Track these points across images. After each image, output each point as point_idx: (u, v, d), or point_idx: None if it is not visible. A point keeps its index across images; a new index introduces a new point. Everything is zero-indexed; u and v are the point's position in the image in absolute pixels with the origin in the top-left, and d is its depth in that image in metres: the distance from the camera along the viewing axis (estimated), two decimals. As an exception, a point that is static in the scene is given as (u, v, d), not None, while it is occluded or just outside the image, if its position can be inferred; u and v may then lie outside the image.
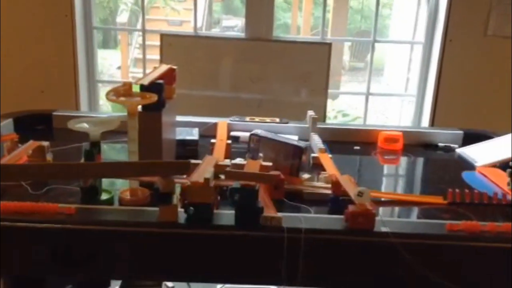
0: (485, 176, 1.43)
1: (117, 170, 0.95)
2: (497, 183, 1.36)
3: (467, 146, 1.65)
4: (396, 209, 1.24)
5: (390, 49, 4.85)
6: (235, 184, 0.96)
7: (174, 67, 1.40)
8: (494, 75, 2.65)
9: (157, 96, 1.16)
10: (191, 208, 0.96)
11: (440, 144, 1.73)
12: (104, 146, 1.57)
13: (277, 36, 2.66)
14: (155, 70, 1.34)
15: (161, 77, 1.29)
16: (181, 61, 2.39)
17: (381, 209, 1.19)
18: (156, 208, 0.98)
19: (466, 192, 1.22)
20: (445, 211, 1.18)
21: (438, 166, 1.63)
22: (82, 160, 1.07)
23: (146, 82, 1.17)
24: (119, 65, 7.59)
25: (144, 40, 2.78)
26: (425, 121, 2.72)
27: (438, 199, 1.23)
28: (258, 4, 2.52)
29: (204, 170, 1.01)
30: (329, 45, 2.53)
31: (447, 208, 1.19)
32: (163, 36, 2.48)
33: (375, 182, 1.48)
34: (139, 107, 1.17)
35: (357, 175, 1.50)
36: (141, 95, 1.15)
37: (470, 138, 1.71)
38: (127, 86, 1.14)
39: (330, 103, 5.00)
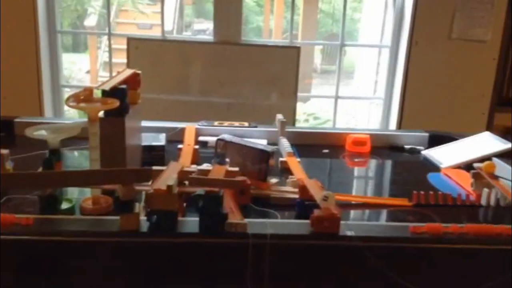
0: (449, 177, 1.45)
1: (74, 178, 0.92)
2: (461, 184, 1.38)
3: (433, 148, 1.68)
4: (362, 212, 1.24)
5: (360, 53, 4.91)
6: (199, 190, 0.95)
7: (138, 71, 1.37)
8: (458, 78, 2.71)
9: (119, 101, 1.13)
10: (154, 216, 0.94)
11: (406, 146, 1.76)
12: (69, 154, 1.53)
13: (246, 40, 2.66)
14: (118, 74, 1.31)
15: (124, 82, 1.26)
16: (148, 65, 2.37)
17: (347, 212, 1.20)
18: (118, 217, 0.95)
19: (431, 194, 1.24)
20: (410, 213, 1.19)
21: (404, 168, 1.65)
22: (40, 169, 1.04)
23: (107, 87, 1.15)
24: (88, 69, 7.46)
25: (110, 43, 2.73)
26: (393, 124, 2.76)
27: (403, 201, 1.24)
28: (226, 8, 2.52)
29: (167, 177, 0.99)
30: (297, 48, 2.54)
31: (412, 210, 1.21)
32: (130, 40, 2.45)
33: (343, 185, 1.49)
34: (101, 113, 1.14)
35: (325, 179, 1.51)
36: (102, 100, 1.13)
37: (436, 140, 1.74)
38: (88, 92, 1.11)
39: (301, 106, 5.03)
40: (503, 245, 0.97)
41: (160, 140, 1.52)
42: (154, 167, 1.12)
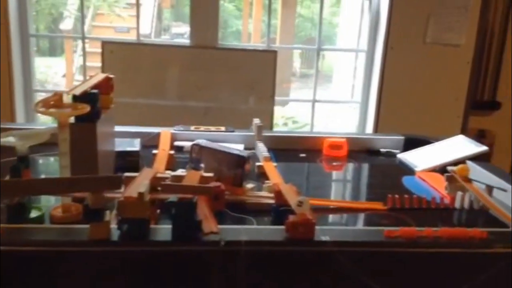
0: (424, 180, 1.46)
1: (41, 186, 0.89)
2: (436, 187, 1.39)
3: (408, 152, 1.69)
4: (338, 216, 1.24)
5: (338, 57, 4.95)
6: (172, 197, 0.93)
7: (111, 76, 1.34)
8: (433, 81, 2.75)
9: (90, 106, 1.10)
10: (125, 224, 0.92)
11: (382, 150, 1.77)
12: (39, 160, 1.49)
13: (223, 44, 2.65)
14: (90, 79, 1.28)
15: (96, 86, 1.23)
16: (124, 69, 2.33)
17: (322, 217, 1.19)
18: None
19: (406, 197, 1.24)
20: (385, 217, 1.20)
21: (380, 171, 1.66)
22: (8, 177, 1.01)
23: (78, 92, 1.12)
24: (64, 73, 7.34)
25: (84, 47, 2.69)
26: (370, 127, 2.78)
27: (378, 205, 1.24)
28: (203, 12, 2.50)
29: (139, 183, 0.97)
30: (274, 52, 2.54)
31: (387, 214, 1.21)
32: (104, 44, 2.41)
33: (320, 189, 1.48)
34: (72, 119, 1.11)
35: (302, 183, 1.50)
36: (72, 105, 1.10)
37: (411, 143, 1.75)
38: (58, 97, 1.09)
39: (279, 110, 5.03)
40: (476, 248, 0.97)
41: (135, 145, 1.50)
42: (127, 174, 1.10)
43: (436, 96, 2.76)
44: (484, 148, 1.54)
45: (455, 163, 1.46)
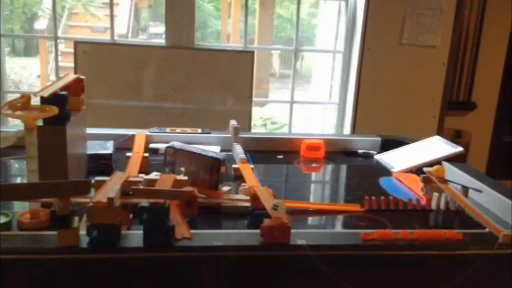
0: (400, 181, 1.46)
1: (5, 192, 0.85)
2: (412, 188, 1.39)
3: (385, 153, 1.69)
4: (314, 219, 1.23)
5: (317, 58, 4.96)
6: (143, 202, 0.90)
7: (82, 76, 1.31)
8: (409, 82, 2.77)
9: (58, 108, 1.07)
10: (94, 230, 0.89)
11: (360, 151, 1.77)
12: (7, 164, 1.44)
13: (199, 44, 2.62)
14: (59, 80, 1.24)
15: (66, 87, 1.19)
16: (98, 69, 2.28)
17: (299, 220, 1.18)
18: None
19: (382, 198, 1.24)
20: (362, 219, 1.19)
21: (357, 173, 1.66)
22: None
23: (46, 94, 1.08)
24: (39, 74, 7.19)
25: (56, 47, 2.62)
26: (347, 128, 2.79)
27: (355, 207, 1.24)
28: (178, 12, 2.47)
29: (109, 188, 0.94)
30: (252, 53, 2.52)
31: (364, 216, 1.20)
32: (77, 44, 2.36)
33: (297, 191, 1.47)
34: (40, 121, 1.07)
35: (279, 185, 1.49)
36: (40, 108, 1.06)
37: (388, 144, 1.76)
38: (25, 99, 1.05)
39: (258, 111, 5.02)
40: (452, 250, 0.97)
41: (108, 148, 1.46)
42: (97, 178, 1.07)
43: (412, 96, 2.78)
44: (459, 149, 1.55)
45: (431, 164, 1.46)
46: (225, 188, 1.27)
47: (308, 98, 4.28)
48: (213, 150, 1.56)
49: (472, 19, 3.17)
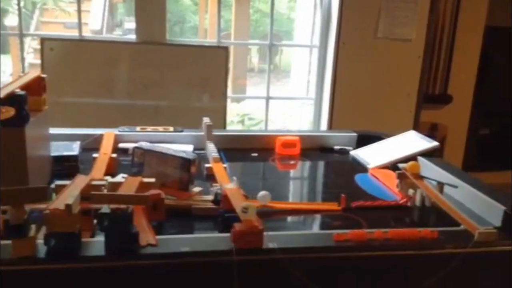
0: (376, 178, 1.44)
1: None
2: (388, 184, 1.37)
3: (361, 148, 1.67)
4: (290, 219, 1.19)
5: (295, 52, 4.93)
6: (104, 208, 0.85)
7: (43, 75, 1.24)
8: (385, 76, 2.76)
9: (15, 109, 1.01)
10: (52, 239, 0.83)
11: (336, 147, 1.74)
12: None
13: (171, 40, 2.55)
14: (18, 79, 1.18)
15: (25, 87, 1.13)
16: (66, 67, 2.20)
17: (274, 221, 1.14)
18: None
19: (359, 196, 1.21)
20: (338, 219, 1.16)
21: (333, 169, 1.63)
22: None
23: (2, 94, 1.02)
24: (11, 71, 6.99)
25: (22, 44, 2.53)
26: (324, 124, 2.76)
27: (332, 205, 1.20)
28: (149, 6, 2.40)
29: (68, 194, 0.88)
30: (225, 48, 2.47)
31: (340, 215, 1.17)
32: (44, 40, 2.27)
33: (272, 190, 1.42)
34: (-5, 123, 1.01)
35: (254, 184, 1.45)
36: (-5, 109, 1.00)
37: (364, 140, 1.73)
38: (-21, 100, 0.99)
39: (235, 107, 4.97)
40: (427, 249, 0.95)
41: (73, 149, 1.40)
42: (58, 182, 1.02)
43: (388, 90, 2.77)
44: (434, 143, 1.53)
45: (407, 159, 1.45)
46: (196, 189, 1.22)
47: (288, 94, 4.25)
48: (186, 149, 1.52)
49: (447, 12, 3.17)
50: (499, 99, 4.49)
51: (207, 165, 1.43)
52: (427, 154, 1.52)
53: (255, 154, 1.66)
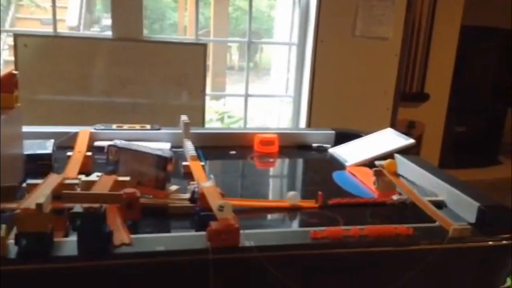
0: (354, 175, 1.45)
1: None
2: (365, 182, 1.38)
3: (338, 146, 1.67)
4: (267, 217, 1.19)
5: (275, 50, 4.93)
6: (76, 207, 0.83)
7: (14, 72, 1.21)
8: (363, 74, 2.78)
9: (-16, 107, 0.98)
10: (23, 239, 0.81)
11: (314, 145, 1.74)
12: None
13: (148, 36, 2.52)
14: (-12, 76, 1.15)
15: (-5, 84, 1.10)
16: (40, 63, 2.16)
17: (251, 219, 1.14)
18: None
19: (336, 194, 1.21)
20: (315, 216, 1.16)
21: (311, 167, 1.63)
22: None
23: (-30, 91, 0.99)
24: (-15, 68, 6.82)
25: (-2, 41, 2.46)
26: (303, 121, 2.77)
27: (309, 203, 1.20)
28: (125, 3, 2.36)
29: (39, 193, 0.86)
30: (204, 46, 2.45)
31: (317, 212, 1.17)
32: (17, 37, 2.22)
33: (250, 188, 1.43)
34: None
35: (232, 182, 1.44)
36: (-37, 107, 0.97)
37: (342, 137, 1.74)
38: None
39: (214, 105, 4.94)
40: (403, 246, 0.96)
41: (47, 147, 1.37)
42: (29, 181, 0.99)
43: (366, 88, 2.79)
44: (411, 141, 1.55)
45: (384, 156, 1.46)
46: (173, 187, 1.21)
47: (268, 91, 4.24)
48: (163, 147, 1.50)
49: (423, 11, 3.21)
50: (475, 97, 4.58)
51: (184, 163, 1.42)
52: (404, 151, 1.54)
53: (234, 152, 1.66)
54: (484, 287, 1.08)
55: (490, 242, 1.00)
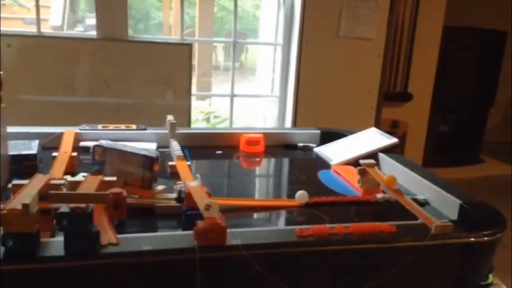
0: (339, 174, 1.47)
1: None
2: (350, 180, 1.40)
3: (324, 145, 1.69)
4: (253, 216, 1.20)
5: (260, 50, 4.95)
6: (63, 207, 0.84)
7: (-1, 72, 1.20)
8: (347, 74, 2.81)
9: (-32, 107, 0.97)
10: (9, 240, 0.81)
11: (300, 144, 1.76)
12: None
13: (133, 36, 2.51)
14: (-28, 76, 1.14)
15: (-21, 84, 1.10)
16: (24, 63, 2.14)
17: (237, 218, 1.15)
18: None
19: (321, 192, 1.23)
20: (300, 215, 1.17)
21: (297, 166, 1.65)
22: None
23: (-47, 91, 0.98)
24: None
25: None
26: (288, 121, 2.79)
27: (294, 202, 1.22)
28: (109, 2, 2.35)
29: (25, 193, 0.86)
30: (189, 45, 2.46)
31: (303, 211, 1.19)
32: (0, 36, 2.20)
33: (236, 187, 1.44)
34: None
35: (218, 182, 1.45)
36: None
37: (327, 137, 1.76)
38: None
39: (200, 105, 4.94)
40: (386, 243, 0.97)
41: (32, 148, 1.36)
42: (15, 182, 0.99)
43: (350, 89, 2.82)
44: (394, 140, 1.57)
45: (368, 155, 1.48)
46: (159, 187, 1.22)
47: (253, 91, 4.26)
48: (149, 147, 1.50)
49: (406, 12, 3.26)
50: (457, 97, 4.65)
51: (170, 163, 1.42)
52: (388, 150, 1.56)
53: (220, 152, 1.67)
54: (467, 284, 1.10)
55: (472, 239, 1.02)
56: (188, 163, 1.41)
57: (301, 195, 1.20)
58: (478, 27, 4.43)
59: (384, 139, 1.59)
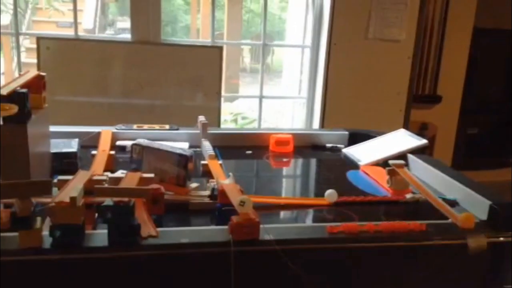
0: (367, 174, 1.48)
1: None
2: (379, 181, 1.41)
3: (352, 146, 1.71)
4: (283, 214, 1.23)
5: (287, 52, 4.96)
6: (107, 201, 0.89)
7: (43, 73, 1.27)
8: (375, 76, 2.81)
9: (18, 107, 1.04)
10: (57, 231, 0.87)
11: (328, 145, 1.78)
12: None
13: (166, 39, 2.58)
14: (19, 77, 1.21)
15: (26, 85, 1.16)
16: (62, 66, 2.23)
17: (268, 215, 1.18)
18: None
19: (350, 192, 1.25)
20: (329, 213, 1.20)
21: (325, 166, 1.67)
22: None
23: (4, 92, 1.05)
24: (3, 71, 6.95)
25: (18, 43, 2.54)
26: (316, 122, 2.80)
27: (324, 201, 1.24)
28: (144, 6, 2.42)
29: (72, 188, 0.92)
30: (220, 48, 2.51)
31: (332, 209, 1.21)
32: (40, 39, 2.29)
33: (266, 186, 1.47)
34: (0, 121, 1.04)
35: (248, 180, 1.49)
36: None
37: (355, 138, 1.78)
38: (-18, 97, 1.01)
39: (228, 106, 5.00)
40: (416, 241, 0.99)
41: (72, 146, 1.43)
42: (60, 177, 1.05)
43: (378, 90, 2.82)
44: (424, 141, 1.58)
45: (397, 156, 1.49)
46: (193, 185, 1.26)
47: (279, 93, 4.29)
48: (182, 146, 1.55)
49: (436, 13, 3.23)
50: (487, 99, 4.57)
51: (203, 162, 1.47)
52: (417, 151, 1.57)
53: (250, 152, 1.70)
54: (495, 283, 1.11)
55: (502, 238, 1.03)
56: (219, 162, 1.45)
57: (331, 194, 1.22)
58: (509, 28, 4.35)
59: (413, 140, 1.60)
